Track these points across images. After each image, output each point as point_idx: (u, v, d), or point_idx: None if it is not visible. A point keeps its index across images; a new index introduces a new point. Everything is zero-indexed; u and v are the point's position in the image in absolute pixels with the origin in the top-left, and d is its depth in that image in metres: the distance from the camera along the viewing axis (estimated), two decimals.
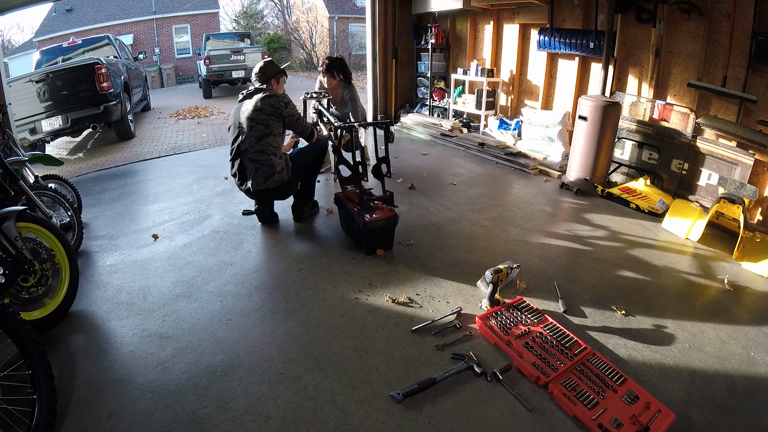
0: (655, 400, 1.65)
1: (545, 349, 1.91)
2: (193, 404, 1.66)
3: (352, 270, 2.61)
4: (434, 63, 6.38)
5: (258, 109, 2.86)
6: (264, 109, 2.87)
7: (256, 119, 2.86)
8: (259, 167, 2.89)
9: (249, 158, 2.90)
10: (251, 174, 2.91)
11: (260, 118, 2.86)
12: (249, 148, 2.88)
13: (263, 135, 2.86)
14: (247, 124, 2.87)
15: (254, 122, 2.86)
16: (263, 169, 2.89)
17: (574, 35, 4.51)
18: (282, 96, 2.95)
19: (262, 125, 2.86)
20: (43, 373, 1.53)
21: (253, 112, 2.87)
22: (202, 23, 17.78)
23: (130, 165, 5.14)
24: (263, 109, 2.86)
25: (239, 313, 2.21)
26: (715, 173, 3.53)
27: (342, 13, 20.10)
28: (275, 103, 2.89)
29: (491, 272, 2.14)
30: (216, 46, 11.48)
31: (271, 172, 2.91)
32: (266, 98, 2.89)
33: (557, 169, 4.39)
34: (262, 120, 2.86)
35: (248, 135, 2.87)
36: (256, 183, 2.92)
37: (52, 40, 13.49)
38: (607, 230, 3.22)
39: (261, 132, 2.86)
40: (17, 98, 5.10)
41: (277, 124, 2.91)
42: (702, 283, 2.56)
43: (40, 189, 2.81)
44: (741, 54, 3.37)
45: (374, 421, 1.58)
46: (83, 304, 2.33)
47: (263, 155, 2.88)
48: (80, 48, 7.59)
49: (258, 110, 2.86)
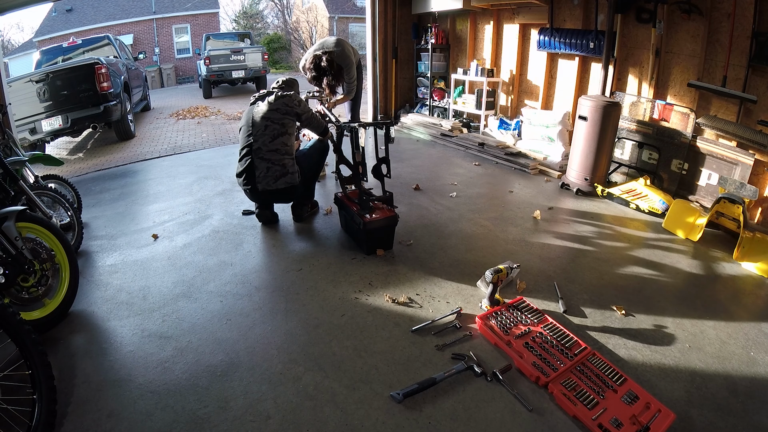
0: (655, 400, 1.65)
1: (545, 349, 1.91)
2: (193, 404, 1.66)
3: (352, 270, 2.61)
4: (434, 63, 6.38)
5: (273, 109, 2.91)
6: (279, 108, 2.92)
7: (271, 118, 2.90)
8: (271, 167, 2.91)
9: (261, 157, 2.91)
10: (262, 174, 2.92)
11: (275, 118, 2.90)
12: (262, 146, 2.90)
13: (278, 134, 2.90)
14: (262, 123, 2.90)
15: (269, 121, 2.89)
16: (275, 168, 2.91)
17: (574, 35, 4.51)
18: (294, 95, 3.02)
19: (277, 124, 2.90)
20: (43, 373, 1.53)
21: (269, 112, 2.91)
22: (202, 23, 17.78)
23: (130, 165, 5.14)
24: (278, 108, 2.92)
25: (239, 313, 2.22)
26: (715, 173, 3.53)
27: (342, 13, 20.10)
28: (289, 102, 2.95)
29: (491, 272, 2.14)
30: (216, 46, 11.47)
31: (284, 172, 2.93)
32: (280, 98, 2.95)
33: (557, 169, 4.39)
34: (278, 119, 2.90)
35: (263, 134, 2.90)
36: (265, 183, 2.92)
37: (52, 40, 13.49)
38: (607, 230, 3.22)
39: (276, 131, 2.90)
40: (17, 98, 5.10)
41: (291, 123, 2.96)
42: (702, 284, 2.56)
43: (40, 189, 2.81)
44: (741, 54, 3.37)
45: (374, 421, 1.58)
46: (83, 304, 2.33)
47: (277, 155, 2.91)
48: (80, 48, 7.59)
49: (273, 110, 2.91)
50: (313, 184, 3.32)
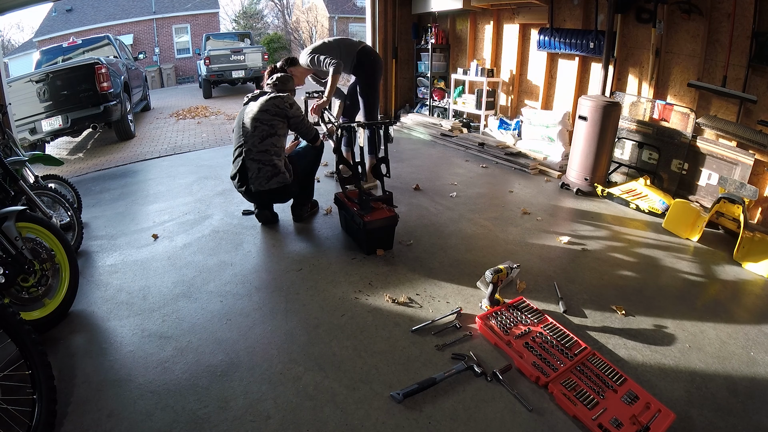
0: (655, 400, 1.65)
1: (545, 349, 1.91)
2: (193, 404, 1.66)
3: (352, 270, 2.61)
4: (434, 63, 6.38)
5: (263, 110, 2.89)
6: (269, 109, 2.89)
7: (260, 119, 2.88)
8: (262, 167, 2.89)
9: (252, 158, 2.90)
10: (253, 174, 2.91)
11: (265, 119, 2.88)
12: (252, 148, 2.89)
13: (267, 135, 2.88)
14: (252, 124, 2.89)
15: (258, 122, 2.88)
16: (266, 169, 2.90)
17: (574, 35, 4.51)
18: (287, 97, 2.98)
19: (266, 125, 2.88)
20: (43, 373, 1.53)
21: (258, 113, 2.89)
22: (202, 23, 17.78)
23: (130, 165, 5.14)
24: (268, 110, 2.89)
25: (239, 313, 2.21)
26: (715, 173, 3.53)
27: (342, 13, 20.09)
28: (280, 104, 2.92)
29: (491, 272, 2.14)
30: (216, 46, 11.48)
31: (275, 172, 2.91)
32: (271, 99, 2.92)
33: (557, 169, 4.39)
34: (267, 120, 2.88)
35: (252, 135, 2.88)
36: (258, 183, 2.92)
37: (52, 40, 13.49)
38: (607, 230, 3.22)
39: (265, 132, 2.88)
40: (17, 98, 5.10)
41: (281, 124, 2.93)
42: (702, 283, 2.56)
43: (40, 189, 2.81)
44: (741, 54, 3.37)
45: (374, 421, 1.58)
46: (83, 304, 2.33)
47: (266, 155, 2.89)
48: (80, 48, 7.59)
49: (263, 111, 2.89)
50: (311, 183, 3.31)
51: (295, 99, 3.06)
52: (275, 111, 2.90)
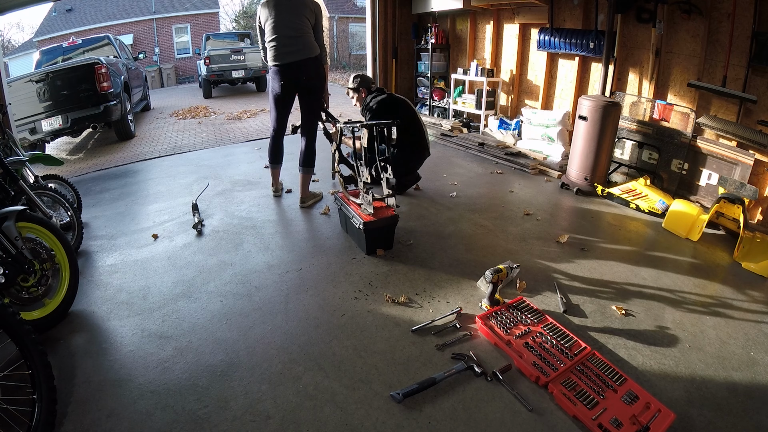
0: (655, 400, 1.65)
1: (545, 349, 1.91)
2: (193, 404, 1.66)
3: (352, 270, 2.61)
4: (434, 63, 6.38)
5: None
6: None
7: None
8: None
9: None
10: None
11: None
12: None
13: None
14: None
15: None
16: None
17: (574, 35, 4.51)
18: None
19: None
20: (43, 373, 1.53)
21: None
22: (202, 23, 17.77)
23: (130, 165, 5.14)
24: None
25: (239, 313, 2.22)
26: (715, 173, 3.53)
27: (342, 13, 20.09)
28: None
29: (491, 272, 2.14)
30: (216, 46, 11.46)
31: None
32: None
33: (557, 169, 4.39)
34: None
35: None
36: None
37: (52, 40, 13.49)
38: (607, 230, 3.22)
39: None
40: (17, 98, 5.10)
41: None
42: (702, 284, 2.55)
43: (40, 189, 2.81)
44: (741, 54, 3.37)
45: (374, 421, 1.58)
46: (83, 304, 2.33)
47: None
48: (80, 48, 7.58)
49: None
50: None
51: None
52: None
